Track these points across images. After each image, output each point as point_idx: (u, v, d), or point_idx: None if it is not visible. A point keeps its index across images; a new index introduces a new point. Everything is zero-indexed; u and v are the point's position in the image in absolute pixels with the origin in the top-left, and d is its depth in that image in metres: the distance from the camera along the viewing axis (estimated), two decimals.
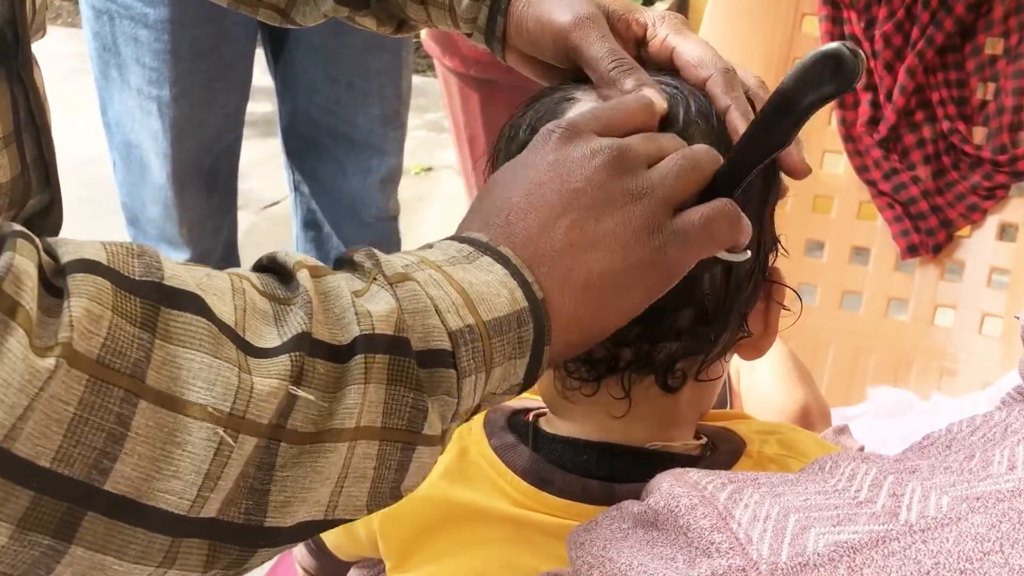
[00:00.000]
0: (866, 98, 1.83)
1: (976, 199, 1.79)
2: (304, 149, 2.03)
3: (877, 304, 1.83)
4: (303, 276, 0.53)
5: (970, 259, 1.81)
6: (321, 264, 0.55)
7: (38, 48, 0.81)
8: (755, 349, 0.76)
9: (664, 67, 0.76)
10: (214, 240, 2.01)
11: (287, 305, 0.52)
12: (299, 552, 0.95)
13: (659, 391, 0.72)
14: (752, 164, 0.65)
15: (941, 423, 1.76)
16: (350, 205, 2.04)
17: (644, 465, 0.73)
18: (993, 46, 1.80)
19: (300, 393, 0.50)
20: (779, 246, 0.76)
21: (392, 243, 2.14)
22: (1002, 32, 1.79)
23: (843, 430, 0.92)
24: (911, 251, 1.81)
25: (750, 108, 0.72)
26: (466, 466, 0.76)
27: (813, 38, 1.84)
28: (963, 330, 1.79)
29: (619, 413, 0.73)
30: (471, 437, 0.77)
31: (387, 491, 0.56)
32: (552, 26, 0.77)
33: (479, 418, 0.79)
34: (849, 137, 1.84)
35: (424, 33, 2.73)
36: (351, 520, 0.56)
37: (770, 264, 0.75)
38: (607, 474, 0.73)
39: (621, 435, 0.74)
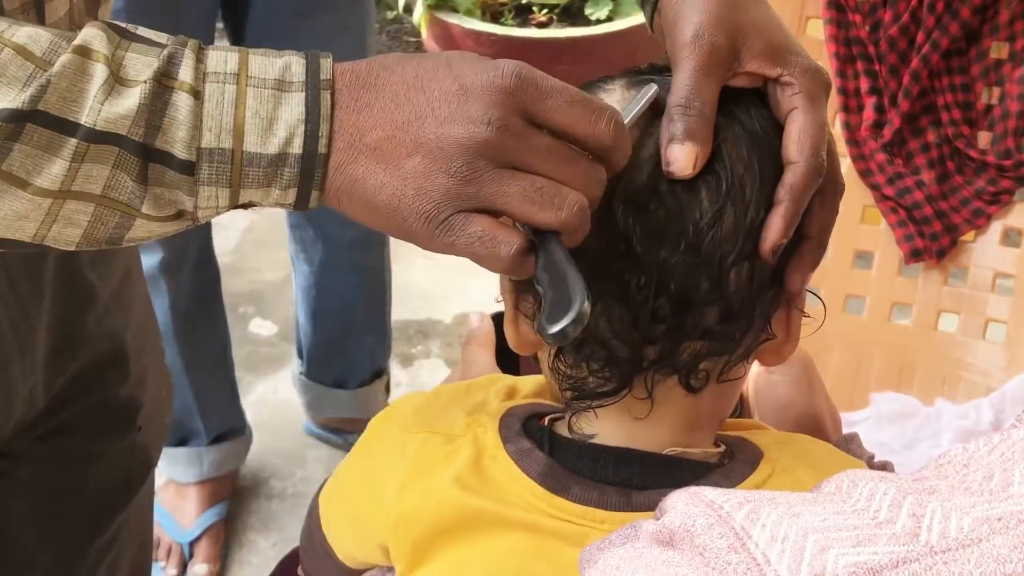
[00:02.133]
0: (870, 102, 1.82)
1: (980, 204, 1.79)
2: None
3: (880, 309, 1.82)
4: (65, 56, 0.64)
5: (974, 264, 1.80)
6: (100, 50, 0.65)
7: None
8: (777, 354, 0.76)
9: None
10: (186, 238, 1.94)
11: (39, 72, 0.64)
12: (309, 563, 0.95)
13: (681, 392, 0.72)
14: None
15: (944, 429, 1.76)
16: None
17: (662, 472, 0.73)
18: (999, 50, 1.80)
19: None
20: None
21: (379, 245, 2.14)
22: (1008, 36, 1.78)
23: (853, 438, 0.92)
24: (915, 256, 1.80)
25: (800, 214, 0.70)
26: (481, 471, 0.76)
27: (818, 41, 1.84)
28: (967, 335, 1.79)
29: (641, 414, 0.73)
30: (487, 442, 0.77)
31: (104, 239, 0.68)
32: (673, 36, 0.74)
33: (494, 423, 0.78)
34: (853, 141, 1.83)
35: (425, 33, 2.72)
36: (61, 249, 0.68)
37: None
38: (624, 480, 0.73)
39: (640, 438, 0.74)
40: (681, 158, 0.68)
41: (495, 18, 2.74)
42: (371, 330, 2.19)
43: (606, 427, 0.75)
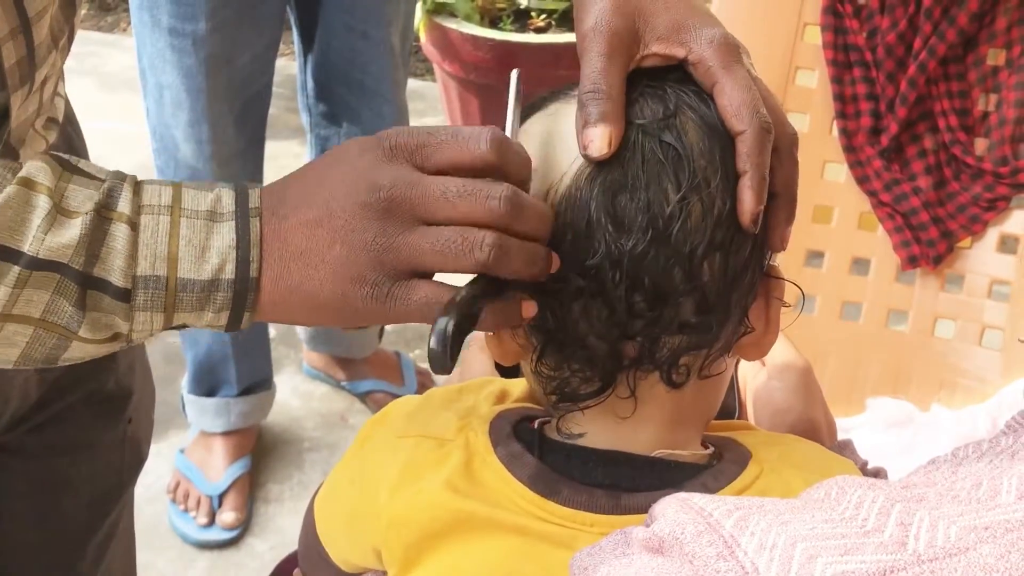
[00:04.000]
0: (867, 108, 1.83)
1: (977, 210, 1.79)
2: (320, 93, 2.16)
3: (877, 315, 1.82)
4: (10, 188, 0.67)
5: (971, 271, 1.80)
6: (42, 182, 0.68)
7: None
8: (757, 347, 0.77)
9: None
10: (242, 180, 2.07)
11: None
12: (306, 566, 0.95)
13: (664, 389, 0.73)
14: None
15: (941, 435, 1.76)
16: None
17: (651, 474, 0.73)
18: (995, 57, 1.80)
19: None
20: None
21: None
22: (1004, 43, 1.78)
23: (847, 445, 0.92)
24: (911, 262, 1.80)
25: (767, 176, 0.71)
26: (472, 475, 0.76)
27: (815, 47, 1.84)
28: (963, 342, 1.79)
29: (625, 414, 0.74)
30: (477, 445, 0.77)
31: (41, 359, 0.71)
32: (577, 28, 0.75)
33: (485, 427, 0.79)
34: (850, 147, 1.83)
35: (424, 38, 2.73)
36: None
37: (768, 261, 0.76)
38: (613, 483, 0.74)
39: (627, 439, 0.74)
40: (596, 138, 0.69)
41: (493, 23, 2.74)
42: None
43: (593, 428, 0.76)
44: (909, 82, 1.78)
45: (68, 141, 1.08)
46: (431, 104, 3.24)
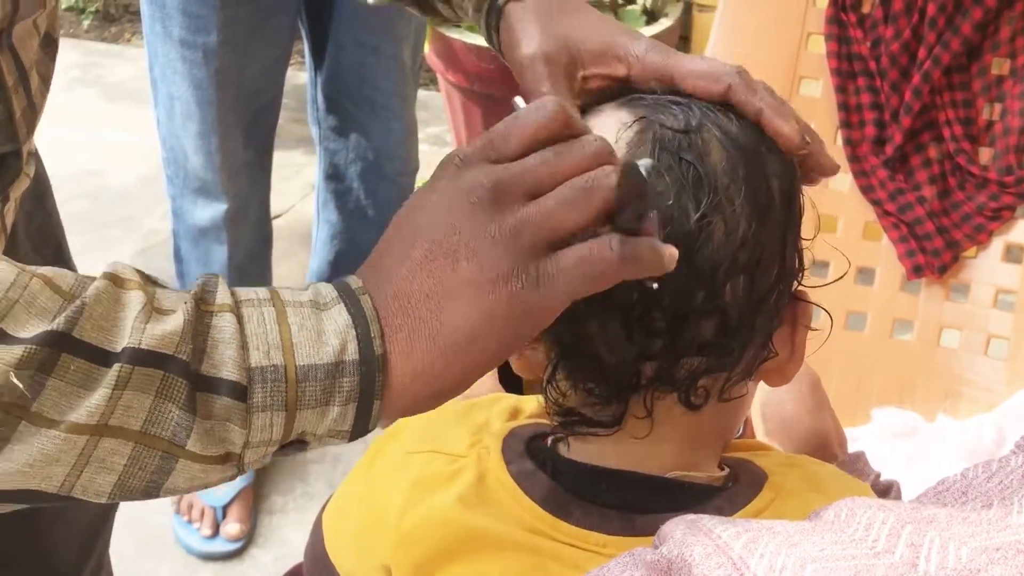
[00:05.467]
0: (872, 117, 1.82)
1: (982, 220, 1.78)
2: (330, 107, 2.16)
3: (882, 325, 1.82)
4: (98, 282, 0.59)
5: (976, 280, 1.80)
6: (132, 279, 0.60)
7: None
8: (781, 373, 0.75)
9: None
10: (250, 191, 2.12)
11: (69, 302, 0.58)
12: (308, 569, 0.94)
13: (681, 410, 0.71)
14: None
15: (946, 445, 1.75)
16: (374, 160, 2.17)
17: (665, 495, 0.72)
18: (1000, 66, 1.80)
19: (12, 379, 0.55)
20: (803, 269, 0.75)
21: (403, 192, 2.26)
22: (1009, 52, 1.79)
23: (860, 457, 0.91)
24: (916, 272, 1.80)
25: (786, 108, 0.71)
26: (484, 492, 0.75)
27: (819, 56, 1.84)
28: (969, 351, 1.79)
29: (641, 434, 0.72)
30: (490, 463, 0.77)
31: (140, 488, 0.60)
32: (514, 59, 0.76)
33: (497, 444, 0.78)
34: (855, 157, 1.83)
35: (427, 48, 2.73)
36: (89, 501, 0.60)
37: (796, 286, 0.75)
38: (627, 504, 0.73)
39: (642, 459, 0.73)
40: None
41: None
42: None
43: (607, 448, 0.74)
44: (913, 92, 1.78)
45: (38, 176, 1.04)
46: (435, 114, 3.24)
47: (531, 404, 0.84)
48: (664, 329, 0.68)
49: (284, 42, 2.04)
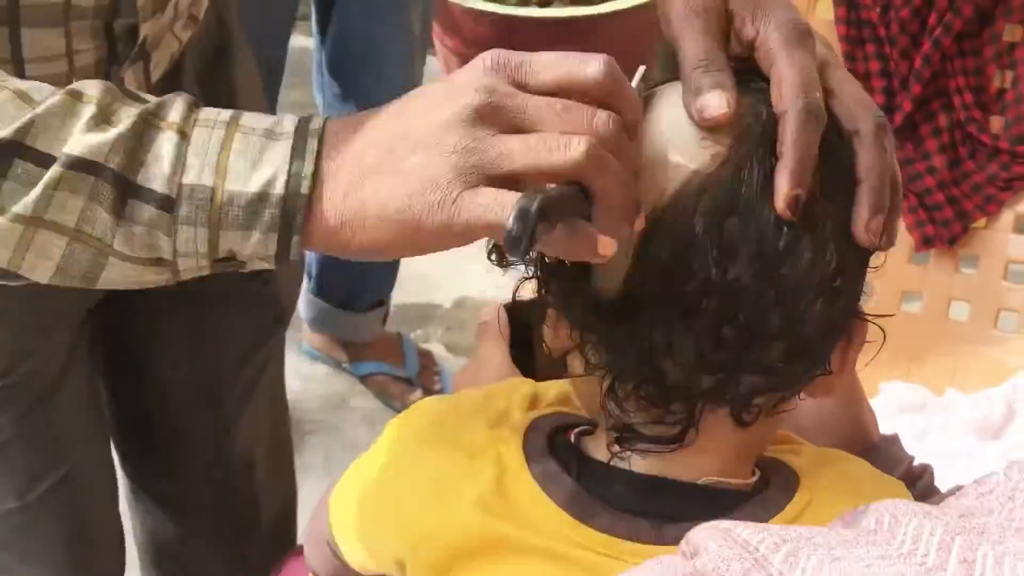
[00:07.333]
0: (880, 85, 1.80)
1: (993, 190, 1.76)
2: (335, 74, 2.14)
3: (890, 296, 1.79)
4: (57, 95, 0.66)
5: (985, 251, 1.78)
6: (91, 93, 0.66)
7: None
8: (827, 387, 0.72)
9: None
10: None
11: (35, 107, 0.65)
12: (315, 561, 0.92)
13: (730, 425, 0.69)
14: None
15: (955, 420, 1.72)
16: None
17: (696, 502, 0.69)
18: (1012, 33, 1.77)
19: None
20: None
21: None
22: (1021, 19, 1.76)
23: (895, 440, 0.89)
24: (926, 243, 1.77)
25: (810, 159, 0.65)
26: (504, 493, 0.72)
27: (827, 21, 1.80)
28: (978, 324, 1.76)
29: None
30: (510, 461, 0.74)
31: (78, 275, 0.68)
32: (664, 8, 0.71)
33: (518, 439, 0.75)
34: None
35: None
36: (35, 280, 0.68)
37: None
38: (656, 511, 0.70)
39: (677, 467, 0.70)
40: (713, 103, 0.65)
41: None
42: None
43: (640, 455, 0.71)
44: (924, 59, 1.75)
45: (218, 15, 1.12)
46: (433, 79, 3.21)
47: (551, 391, 0.81)
48: (732, 345, 0.65)
49: (289, 5, 2.03)
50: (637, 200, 0.64)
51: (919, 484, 0.86)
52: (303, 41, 2.26)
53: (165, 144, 0.65)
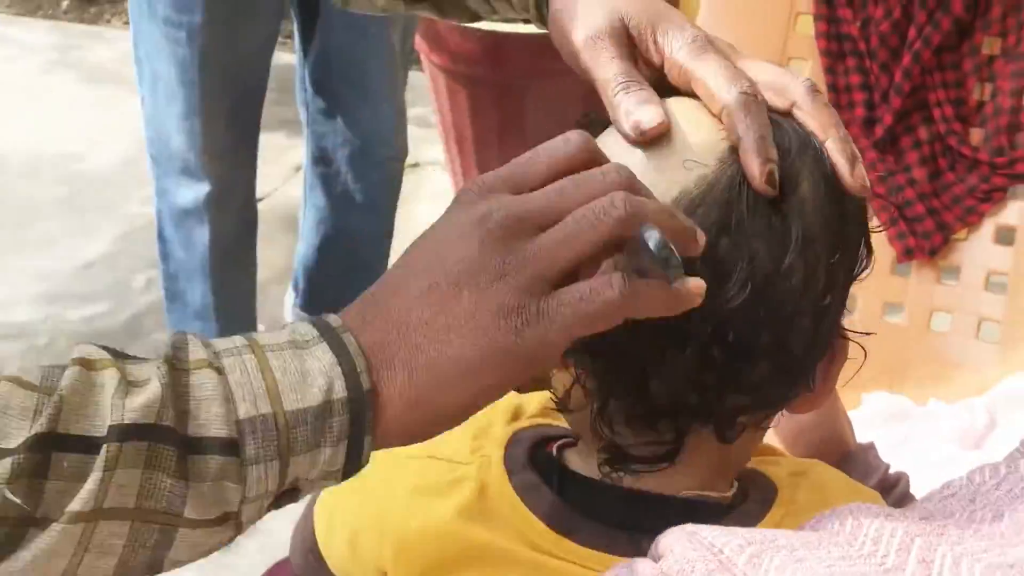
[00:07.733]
0: (861, 99, 1.80)
1: (973, 202, 1.77)
2: (318, 90, 2.14)
3: (872, 308, 1.80)
4: (69, 370, 0.57)
5: (967, 262, 1.78)
6: (102, 358, 0.58)
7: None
8: (809, 404, 0.72)
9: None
10: (233, 175, 2.10)
11: (47, 396, 0.56)
12: (300, 570, 0.92)
13: (714, 442, 0.69)
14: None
15: (937, 429, 1.73)
16: (362, 144, 2.15)
17: (676, 515, 0.70)
18: (991, 46, 1.78)
19: (9, 496, 0.54)
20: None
21: (396, 186, 2.25)
22: (1000, 31, 1.76)
23: (870, 448, 0.90)
24: (907, 254, 1.78)
25: (766, 132, 0.66)
26: (485, 505, 0.73)
27: (807, 37, 1.82)
28: (960, 334, 1.77)
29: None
30: (492, 473, 0.74)
31: (142, 564, 0.59)
32: (567, 43, 0.72)
33: (499, 451, 0.75)
34: None
35: None
36: None
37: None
38: (635, 524, 0.70)
39: (656, 482, 0.71)
40: (647, 116, 0.66)
41: None
42: (374, 269, 2.24)
43: None
44: (904, 72, 1.76)
45: None
46: (419, 95, 3.21)
47: (533, 402, 0.81)
48: (720, 364, 0.65)
49: (271, 23, 2.02)
50: (691, 223, 0.63)
51: (895, 492, 0.88)
52: (287, 58, 2.26)
53: (206, 385, 0.58)
